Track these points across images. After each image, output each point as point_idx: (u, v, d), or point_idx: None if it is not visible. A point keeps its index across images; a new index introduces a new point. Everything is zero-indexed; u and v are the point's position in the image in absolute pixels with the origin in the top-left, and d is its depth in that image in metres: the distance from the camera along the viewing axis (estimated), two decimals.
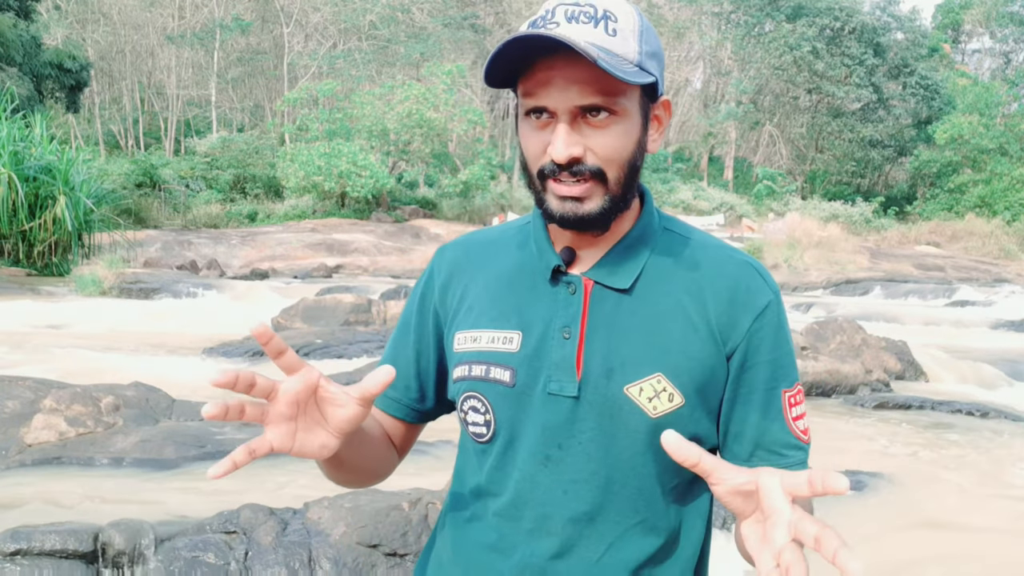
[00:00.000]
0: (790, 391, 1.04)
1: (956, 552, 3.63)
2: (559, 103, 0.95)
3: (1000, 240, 28.50)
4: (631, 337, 1.01)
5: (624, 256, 1.04)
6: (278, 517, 3.04)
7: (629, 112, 0.97)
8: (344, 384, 0.96)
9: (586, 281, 1.04)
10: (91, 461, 4.06)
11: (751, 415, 1.03)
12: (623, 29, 0.95)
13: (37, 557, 2.71)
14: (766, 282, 1.05)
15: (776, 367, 1.03)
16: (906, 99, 37.68)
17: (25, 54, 21.26)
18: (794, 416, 1.04)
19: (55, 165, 15.02)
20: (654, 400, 0.99)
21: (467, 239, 1.18)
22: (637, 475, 1.01)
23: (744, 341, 1.02)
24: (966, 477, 4.76)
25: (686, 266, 1.04)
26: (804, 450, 1.05)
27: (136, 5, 36.33)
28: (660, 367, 0.99)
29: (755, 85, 37.80)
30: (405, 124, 25.39)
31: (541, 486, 1.03)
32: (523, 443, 1.03)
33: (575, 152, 0.95)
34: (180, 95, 37.16)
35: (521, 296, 1.06)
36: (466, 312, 1.09)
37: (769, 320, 1.03)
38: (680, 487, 1.05)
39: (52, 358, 6.99)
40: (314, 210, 25.39)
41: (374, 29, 38.15)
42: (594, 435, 1.00)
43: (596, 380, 1.00)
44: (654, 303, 1.02)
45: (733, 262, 1.05)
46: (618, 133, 0.97)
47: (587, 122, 0.96)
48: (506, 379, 1.03)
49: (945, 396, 6.84)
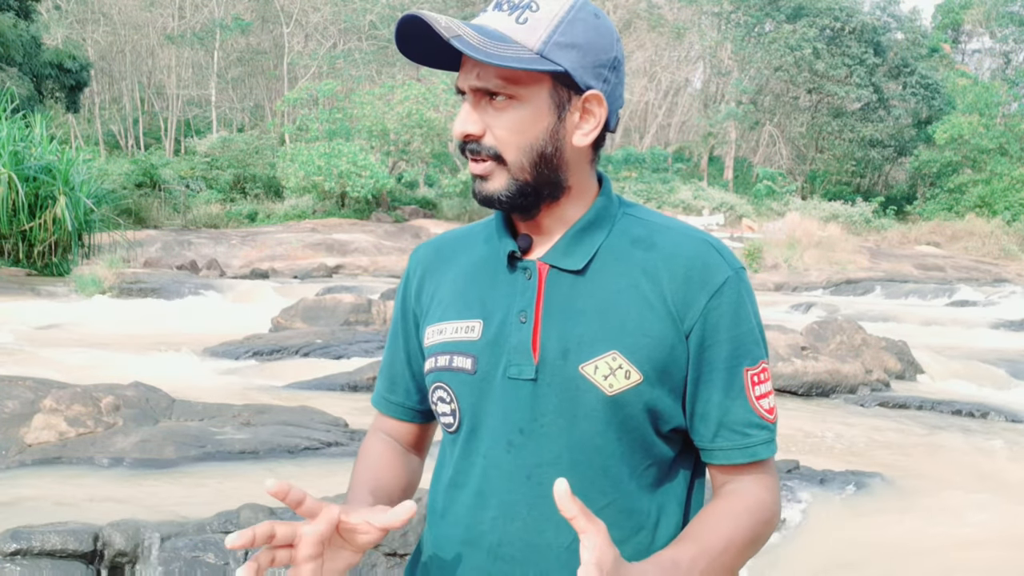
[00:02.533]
0: (753, 369, 1.03)
1: (956, 552, 3.63)
2: (464, 84, 1.01)
3: (1000, 240, 28.49)
4: (586, 317, 1.01)
5: (577, 239, 1.05)
6: (278, 517, 3.04)
7: (531, 99, 0.99)
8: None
9: (541, 265, 1.05)
10: (91, 461, 4.06)
11: (714, 394, 1.02)
12: (538, 18, 0.98)
13: (37, 557, 2.71)
14: (724, 259, 1.04)
15: (737, 345, 1.02)
16: (906, 99, 37.66)
17: (25, 54, 21.25)
18: (758, 395, 1.04)
19: (55, 165, 15.01)
20: (610, 377, 0.99)
21: (439, 238, 1.21)
22: (601, 455, 1.01)
23: (701, 319, 1.01)
24: (966, 477, 4.76)
25: (643, 247, 1.04)
26: (769, 429, 1.04)
27: (136, 5, 36.31)
28: (615, 345, 0.99)
29: (755, 85, 37.79)
30: (405, 124, 25.38)
31: (504, 472, 1.03)
32: (486, 430, 1.04)
33: (469, 129, 1.01)
34: (180, 95, 37.14)
35: (483, 286, 1.09)
36: (435, 308, 1.13)
37: (727, 297, 1.02)
38: (653, 470, 1.04)
39: (52, 358, 6.98)
40: (314, 210, 25.38)
41: (374, 29, 38.13)
42: (554, 417, 1.01)
43: (553, 361, 1.01)
44: (609, 283, 1.03)
45: (690, 240, 1.04)
46: (516, 118, 1.00)
47: (492, 104, 1.00)
48: (467, 367, 1.05)
49: (945, 396, 6.84)
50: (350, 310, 9.05)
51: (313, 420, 4.83)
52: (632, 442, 1.01)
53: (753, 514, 1.02)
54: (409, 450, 1.23)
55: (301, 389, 6.29)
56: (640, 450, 1.02)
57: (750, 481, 1.05)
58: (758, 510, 1.03)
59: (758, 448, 1.04)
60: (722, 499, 1.04)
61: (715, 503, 1.04)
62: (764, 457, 1.04)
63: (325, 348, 7.84)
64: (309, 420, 4.82)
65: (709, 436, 1.04)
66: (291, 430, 4.59)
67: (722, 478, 1.07)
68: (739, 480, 1.05)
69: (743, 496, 1.04)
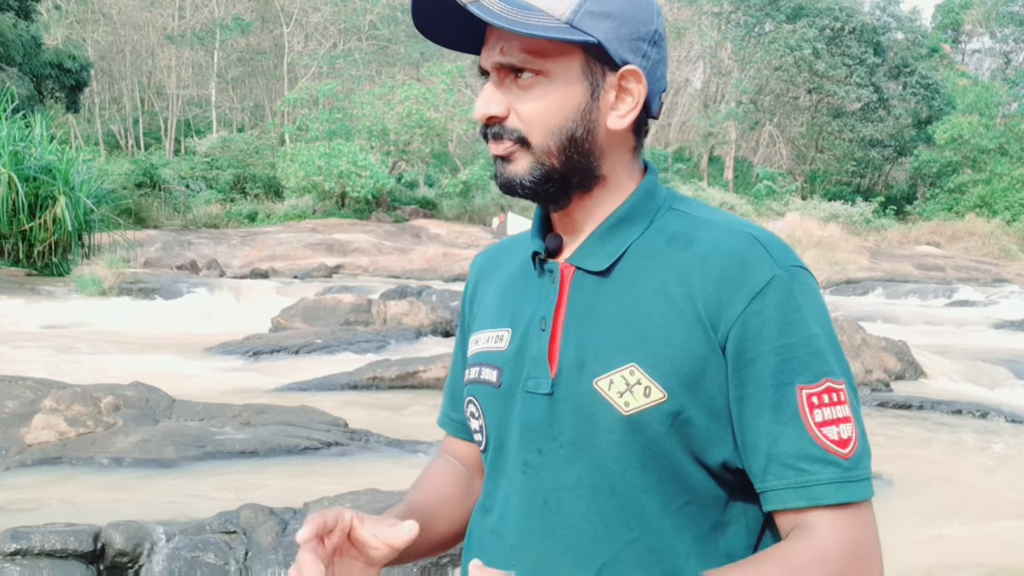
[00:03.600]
0: (811, 387, 0.83)
1: (956, 552, 3.63)
2: (486, 61, 0.92)
3: (1000, 240, 28.50)
4: (606, 324, 0.89)
5: (605, 237, 0.93)
6: (278, 517, 3.04)
7: (560, 75, 0.89)
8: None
9: (564, 267, 0.95)
10: (91, 461, 4.05)
11: (761, 420, 0.84)
12: None
13: (37, 557, 2.71)
14: (770, 255, 0.86)
15: (788, 357, 0.83)
16: (906, 99, 37.66)
17: (25, 54, 21.25)
18: (820, 420, 0.83)
19: (55, 165, 15.01)
20: (626, 395, 0.85)
21: (495, 245, 1.14)
22: (623, 484, 0.87)
23: (738, 326, 0.84)
24: (966, 477, 4.76)
25: (679, 245, 0.90)
26: (839, 466, 0.82)
27: (136, 5, 36.31)
28: (634, 356, 0.86)
29: (755, 85, 37.78)
30: (405, 124, 25.38)
31: (521, 496, 0.92)
32: (509, 449, 0.94)
33: (491, 110, 0.91)
34: (180, 95, 37.13)
35: (517, 292, 1.00)
36: (479, 316, 1.06)
37: (772, 300, 0.84)
38: (692, 509, 0.88)
39: (52, 358, 6.98)
40: (314, 210, 25.38)
41: (374, 29, 38.13)
42: (572, 437, 0.88)
43: (569, 374, 0.89)
44: (635, 286, 0.90)
45: (731, 235, 0.88)
46: (542, 96, 0.89)
47: (516, 83, 0.90)
48: (493, 379, 0.96)
49: (945, 396, 6.84)
50: (350, 310, 9.05)
51: (313, 420, 4.83)
52: (660, 472, 0.86)
53: (793, 565, 0.81)
54: (476, 474, 1.10)
55: (301, 389, 6.29)
56: (672, 483, 0.87)
57: (816, 527, 0.82)
58: (804, 562, 0.81)
59: (819, 489, 0.82)
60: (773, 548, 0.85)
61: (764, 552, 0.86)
62: (828, 501, 0.82)
63: (325, 348, 7.84)
64: (309, 420, 4.82)
65: (760, 473, 0.85)
66: (291, 430, 4.59)
67: (787, 524, 0.85)
68: (803, 526, 0.83)
69: (792, 543, 0.83)
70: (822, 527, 0.82)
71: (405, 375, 6.50)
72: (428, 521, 1.01)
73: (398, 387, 6.45)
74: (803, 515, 0.83)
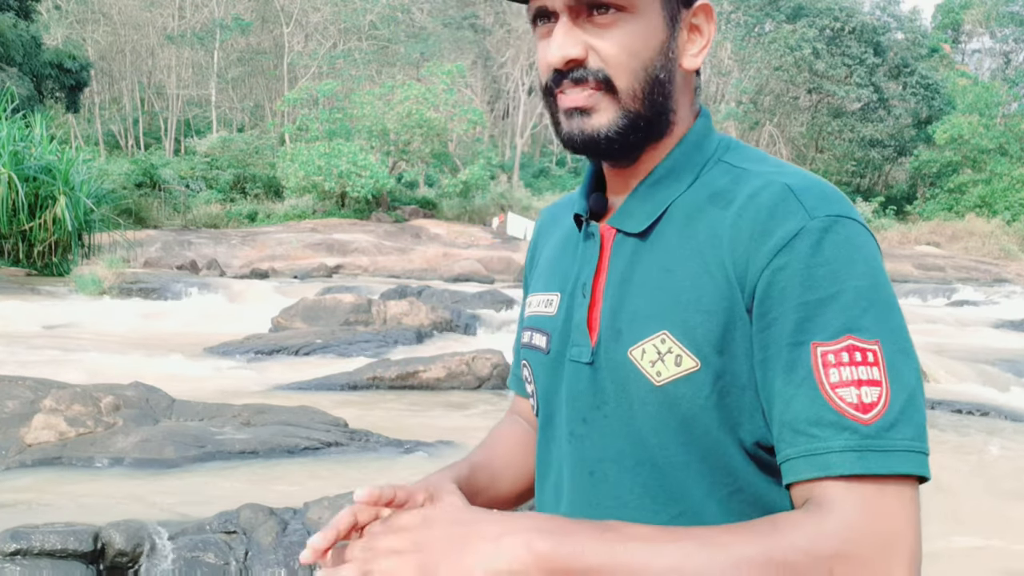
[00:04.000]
0: (827, 345, 0.73)
1: (955, 552, 3.63)
2: (556, 0, 0.83)
3: (1000, 240, 28.52)
4: (641, 291, 0.84)
5: (647, 196, 0.87)
6: (278, 517, 3.04)
7: (643, 10, 0.83)
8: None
9: (605, 230, 0.90)
10: (91, 461, 4.06)
11: (775, 382, 0.76)
12: None
13: (37, 557, 2.71)
14: (802, 204, 0.77)
15: (809, 314, 0.74)
16: (906, 99, 37.68)
17: (25, 54, 21.26)
18: (835, 381, 0.72)
19: (55, 165, 15.02)
20: (657, 364, 0.80)
21: (560, 200, 1.07)
22: (663, 458, 0.82)
23: (762, 283, 0.77)
24: (966, 477, 4.76)
25: (721, 203, 0.83)
26: (855, 431, 0.70)
27: (136, 5, 36.33)
28: (666, 323, 0.81)
29: (755, 85, 37.80)
30: (405, 124, 25.39)
31: (569, 466, 0.89)
32: (558, 417, 0.91)
33: (572, 52, 0.82)
34: (180, 95, 37.16)
35: (567, 254, 0.96)
36: (535, 276, 1.03)
37: (799, 253, 0.75)
38: (741, 498, 0.81)
39: (52, 358, 6.99)
40: (314, 210, 25.39)
41: (374, 29, 38.16)
42: (615, 407, 0.84)
43: (607, 343, 0.85)
44: (672, 249, 0.84)
45: (767, 186, 0.80)
46: (628, 32, 0.82)
47: (592, 21, 0.83)
48: (543, 345, 0.94)
49: (945, 396, 6.84)
50: (350, 310, 9.05)
51: (313, 420, 4.83)
52: (701, 450, 0.80)
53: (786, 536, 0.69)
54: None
55: (301, 389, 6.29)
56: (716, 464, 0.80)
57: (827, 501, 0.71)
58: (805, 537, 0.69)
59: (831, 457, 0.71)
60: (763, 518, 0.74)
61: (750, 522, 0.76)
62: (840, 471, 0.70)
63: (325, 348, 7.85)
64: (309, 420, 4.82)
65: (776, 443, 0.76)
66: (291, 430, 4.59)
67: (799, 497, 0.74)
68: (813, 498, 0.72)
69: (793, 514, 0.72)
70: (829, 501, 0.70)
71: (405, 375, 6.50)
72: (491, 479, 1.00)
73: (398, 387, 6.45)
74: (814, 486, 0.72)
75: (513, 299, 11.84)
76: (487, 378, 6.61)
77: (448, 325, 9.08)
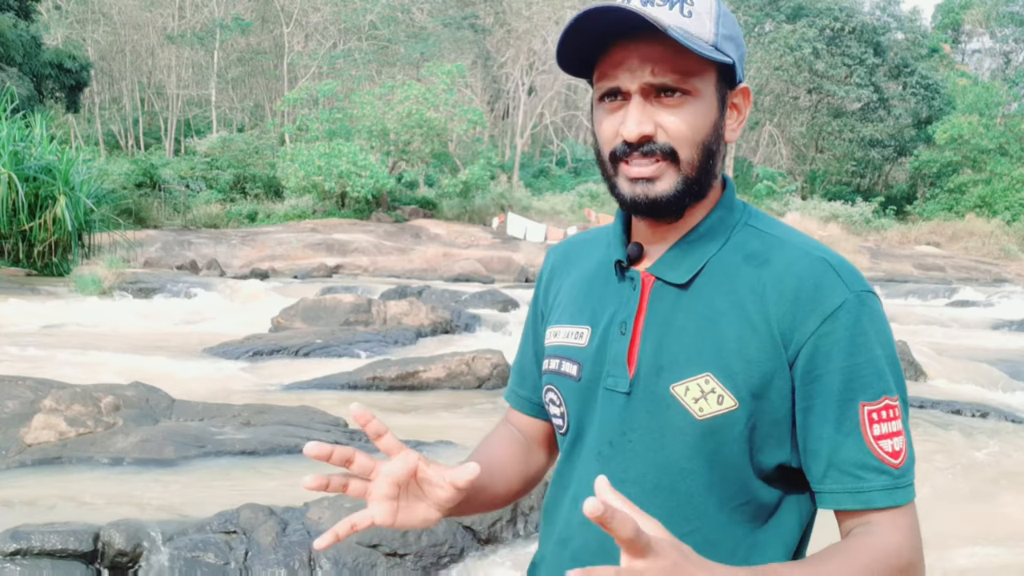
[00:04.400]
0: (872, 404, 0.93)
1: (955, 552, 3.63)
2: (631, 83, 0.96)
3: (1000, 240, 28.53)
4: (684, 335, 0.98)
5: (687, 251, 1.01)
6: (278, 517, 3.04)
7: (704, 94, 0.97)
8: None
9: (646, 276, 1.03)
10: (91, 461, 4.05)
11: (824, 429, 0.94)
12: (699, 12, 0.96)
13: (37, 557, 2.71)
14: (842, 280, 0.95)
15: (853, 376, 0.93)
16: (906, 99, 37.68)
17: (25, 54, 21.25)
18: (877, 434, 0.93)
19: (55, 165, 15.01)
20: (700, 401, 0.95)
21: (570, 239, 1.21)
22: (687, 481, 0.97)
23: (809, 345, 0.93)
24: (966, 477, 4.76)
25: (755, 264, 0.98)
26: (890, 474, 0.93)
27: (136, 5, 36.32)
28: (710, 367, 0.95)
29: (755, 85, 37.77)
30: (405, 124, 25.38)
31: (592, 481, 0.96)
32: (588, 437, 1.05)
33: (646, 130, 0.96)
34: (180, 95, 37.14)
35: (596, 292, 1.08)
36: (556, 309, 1.14)
37: (843, 323, 0.93)
38: (749, 509, 0.98)
39: (52, 358, 6.99)
40: (314, 210, 25.39)
41: (374, 29, 38.13)
42: (643, 434, 0.98)
43: (646, 377, 0.98)
44: (712, 301, 0.98)
45: (806, 259, 0.97)
46: (691, 113, 0.97)
47: (660, 102, 0.96)
48: (573, 373, 1.06)
49: (945, 396, 6.84)
50: (350, 310, 9.05)
51: (313, 420, 4.83)
52: (724, 474, 0.96)
53: (882, 556, 0.91)
54: (534, 446, 1.22)
55: (301, 389, 6.29)
56: (734, 484, 0.97)
57: (881, 525, 0.94)
58: (889, 553, 0.92)
59: (873, 495, 0.93)
60: (845, 540, 0.95)
61: (837, 543, 0.95)
62: (880, 505, 0.93)
63: (325, 348, 7.84)
64: (309, 420, 4.82)
65: (819, 475, 0.95)
66: (291, 430, 4.59)
67: (849, 523, 0.96)
68: (867, 524, 0.95)
69: (869, 538, 0.93)
70: (885, 525, 0.93)
71: (405, 375, 6.50)
72: (487, 479, 1.09)
73: (398, 387, 6.45)
74: (865, 516, 0.94)
75: (513, 299, 11.84)
76: (487, 378, 6.61)
77: (448, 325, 9.08)
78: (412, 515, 0.97)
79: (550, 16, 37.10)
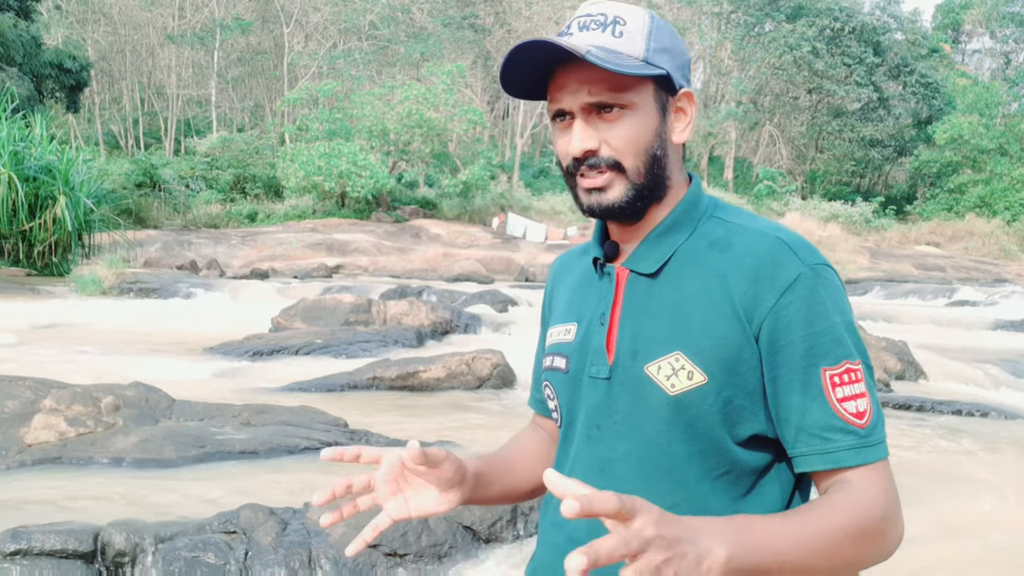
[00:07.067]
0: (833, 369, 0.99)
1: (955, 552, 3.63)
2: (573, 103, 1.05)
3: (1000, 240, 28.53)
4: (656, 319, 1.05)
5: (656, 244, 1.09)
6: (278, 517, 3.04)
7: (641, 105, 1.05)
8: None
9: (620, 270, 1.11)
10: (91, 461, 4.06)
11: (792, 397, 1.00)
12: (631, 31, 1.05)
13: (37, 557, 2.71)
14: (796, 255, 1.01)
15: (814, 344, 0.99)
16: (906, 99, 37.68)
17: (25, 54, 21.26)
18: (841, 397, 0.99)
19: (55, 165, 15.02)
20: (672, 378, 1.02)
21: (570, 250, 1.31)
22: (667, 455, 1.03)
23: (770, 319, 1.00)
24: (966, 477, 4.76)
25: (719, 249, 1.06)
26: (856, 434, 0.98)
27: (136, 5, 36.32)
28: (680, 346, 1.02)
29: (755, 85, 37.79)
30: (405, 124, 25.38)
31: (584, 464, 1.10)
32: (578, 424, 1.12)
33: (589, 145, 1.05)
34: (180, 95, 37.15)
35: (583, 291, 1.18)
36: (554, 313, 1.24)
37: (800, 294, 0.99)
38: (731, 477, 1.03)
39: (52, 358, 6.99)
40: (314, 210, 25.38)
41: (374, 29, 38.14)
42: (625, 415, 1.05)
43: (624, 361, 1.06)
44: (681, 286, 1.06)
45: (765, 239, 1.04)
46: (630, 125, 1.05)
47: (601, 118, 1.05)
48: (563, 366, 1.15)
49: (945, 396, 6.84)
50: (350, 310, 9.05)
51: (313, 420, 4.83)
52: (702, 445, 1.02)
53: (857, 507, 0.97)
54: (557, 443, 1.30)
55: (301, 389, 6.29)
56: (713, 456, 1.02)
57: (854, 483, 0.99)
58: (864, 504, 0.97)
59: (841, 454, 0.98)
60: (821, 496, 1.01)
61: (813, 499, 1.02)
62: (849, 464, 0.99)
63: (325, 348, 7.84)
64: (309, 420, 4.82)
65: (791, 441, 1.01)
66: (291, 430, 4.59)
67: (824, 484, 1.02)
68: (841, 482, 1.00)
69: (842, 494, 0.98)
70: (858, 481, 0.99)
71: (405, 375, 6.50)
72: (508, 467, 1.23)
73: (398, 387, 6.45)
74: (838, 475, 1.00)
75: (513, 299, 11.84)
76: (487, 378, 6.61)
77: (448, 325, 9.08)
78: (425, 502, 1.07)
79: (550, 16, 37.11)
